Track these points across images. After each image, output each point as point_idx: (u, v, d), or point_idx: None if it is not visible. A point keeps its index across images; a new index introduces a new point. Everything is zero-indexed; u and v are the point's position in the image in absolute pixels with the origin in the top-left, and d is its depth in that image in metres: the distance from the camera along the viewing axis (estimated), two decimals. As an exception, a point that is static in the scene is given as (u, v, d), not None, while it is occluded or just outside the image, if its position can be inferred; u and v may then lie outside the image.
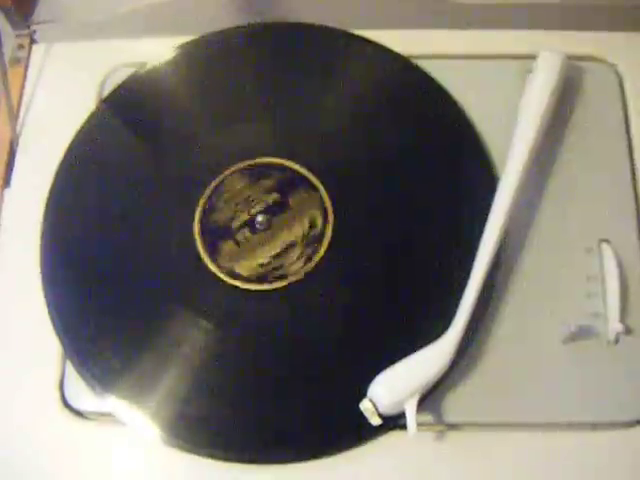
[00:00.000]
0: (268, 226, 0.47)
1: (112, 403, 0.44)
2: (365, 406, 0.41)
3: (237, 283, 0.45)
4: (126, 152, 0.51)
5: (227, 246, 0.47)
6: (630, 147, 0.49)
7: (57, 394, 0.45)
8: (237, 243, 0.47)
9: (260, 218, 0.47)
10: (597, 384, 0.43)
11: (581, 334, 0.44)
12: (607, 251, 0.46)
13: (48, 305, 0.46)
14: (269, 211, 0.47)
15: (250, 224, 0.47)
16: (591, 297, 0.45)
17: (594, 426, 0.43)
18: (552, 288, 0.46)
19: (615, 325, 0.44)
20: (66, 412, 0.45)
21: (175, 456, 0.43)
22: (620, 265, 0.45)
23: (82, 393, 0.45)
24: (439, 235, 0.47)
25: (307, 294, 0.45)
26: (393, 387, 0.40)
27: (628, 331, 0.44)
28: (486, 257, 0.43)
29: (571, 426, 0.43)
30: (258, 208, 0.47)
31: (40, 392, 0.45)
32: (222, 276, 0.46)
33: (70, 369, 0.45)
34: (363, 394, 0.41)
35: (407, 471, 0.42)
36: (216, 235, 0.47)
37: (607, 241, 0.46)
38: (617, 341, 0.44)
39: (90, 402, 0.45)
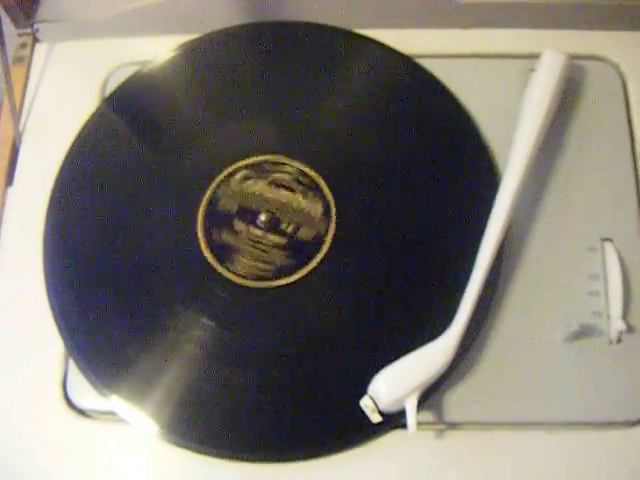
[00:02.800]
0: (274, 219, 0.47)
1: (114, 401, 0.44)
2: (365, 403, 0.41)
3: (239, 280, 0.45)
4: (129, 150, 0.51)
5: (255, 258, 0.46)
6: (633, 146, 0.49)
7: (60, 393, 0.45)
8: (261, 250, 0.47)
9: (263, 217, 0.47)
10: (599, 383, 0.43)
11: (583, 333, 0.44)
12: (610, 250, 0.46)
13: (51, 303, 0.47)
14: (271, 210, 0.47)
15: (253, 222, 0.47)
16: (593, 296, 0.45)
17: (596, 425, 0.43)
18: (554, 287, 0.46)
19: (617, 324, 0.44)
20: (68, 411, 0.45)
21: (177, 454, 0.43)
22: (622, 264, 0.45)
23: (85, 392, 0.45)
24: (441, 233, 0.47)
25: (308, 292, 0.45)
26: (393, 384, 0.40)
27: (630, 330, 0.44)
28: (488, 255, 0.43)
29: (573, 425, 0.43)
30: (261, 207, 0.48)
31: (43, 391, 0.45)
32: (224, 273, 0.46)
33: (73, 368, 0.45)
34: (364, 391, 0.41)
35: (408, 471, 0.42)
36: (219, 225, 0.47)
37: (610, 240, 0.46)
38: (619, 340, 0.44)
39: (92, 400, 0.45)
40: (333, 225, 0.47)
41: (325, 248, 0.46)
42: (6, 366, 0.46)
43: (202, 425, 0.43)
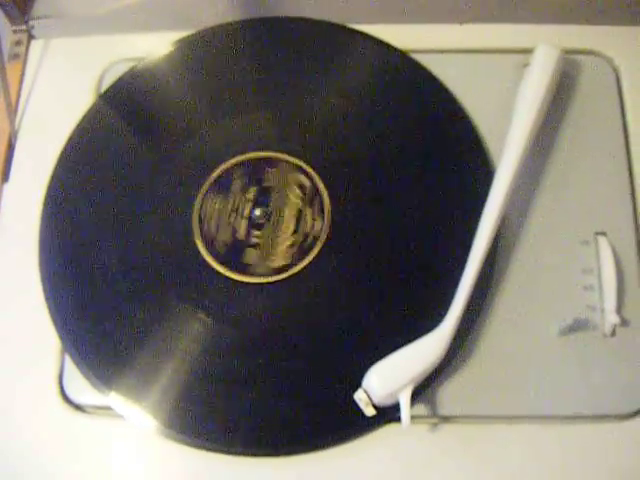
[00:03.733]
0: (269, 215, 0.47)
1: (111, 397, 0.44)
2: (359, 397, 0.41)
3: (234, 276, 0.46)
4: (124, 146, 0.51)
5: (250, 254, 0.47)
6: (626, 140, 0.50)
7: (56, 388, 0.45)
8: (256, 246, 0.47)
9: (257, 212, 0.47)
10: (594, 376, 0.44)
11: (577, 327, 0.44)
12: (603, 244, 0.46)
13: (46, 299, 0.47)
14: (259, 203, 0.48)
15: (252, 224, 0.47)
16: (587, 290, 0.45)
17: (591, 418, 0.43)
18: (548, 281, 0.46)
19: (611, 317, 0.44)
20: (65, 406, 0.45)
21: (174, 449, 0.43)
22: (616, 258, 0.45)
23: (81, 387, 0.45)
24: (435, 227, 0.47)
25: (303, 287, 0.45)
26: (387, 378, 0.40)
27: (624, 323, 0.44)
28: (481, 249, 0.43)
29: (567, 419, 0.43)
30: (248, 207, 0.48)
31: (39, 386, 0.45)
32: (220, 269, 0.46)
33: (69, 363, 0.46)
34: (358, 385, 0.41)
35: (402, 464, 0.42)
36: (232, 252, 0.47)
37: (603, 234, 0.47)
38: (613, 333, 0.44)
39: (89, 396, 0.45)
40: (328, 220, 0.47)
41: (320, 243, 0.46)
42: (2, 362, 0.46)
43: (198, 420, 0.43)
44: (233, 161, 0.49)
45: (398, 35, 0.53)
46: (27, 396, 0.45)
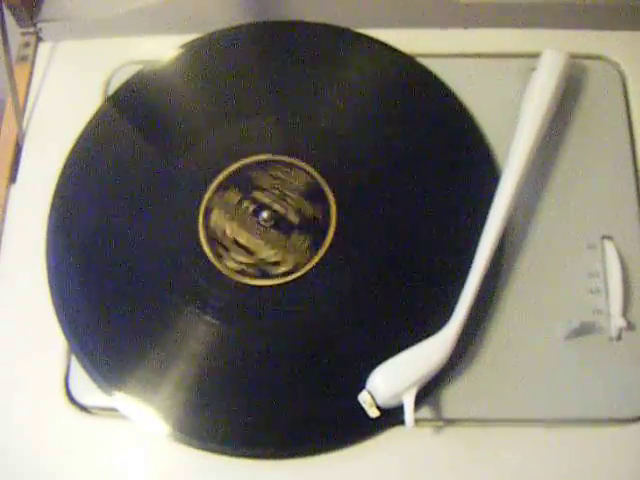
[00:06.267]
0: (270, 221, 0.47)
1: (117, 398, 0.44)
2: (363, 398, 0.41)
3: (239, 278, 0.46)
4: (131, 149, 0.51)
5: (235, 250, 0.47)
6: (633, 144, 0.50)
7: (62, 389, 0.45)
8: (241, 245, 0.47)
9: (265, 214, 0.47)
10: (599, 380, 0.44)
11: (583, 330, 0.44)
12: (609, 248, 0.46)
13: (53, 300, 0.47)
14: (267, 207, 0.48)
15: (256, 210, 0.48)
16: (593, 293, 0.45)
17: (596, 422, 0.43)
18: (554, 284, 0.46)
19: (617, 321, 0.44)
20: (71, 407, 0.45)
21: (180, 451, 0.43)
22: (622, 261, 0.45)
23: (87, 388, 0.45)
24: (441, 230, 0.47)
25: (308, 289, 0.45)
26: (391, 379, 0.40)
27: (630, 327, 0.44)
28: (487, 253, 0.43)
29: (573, 422, 0.43)
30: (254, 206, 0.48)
31: (45, 387, 0.45)
32: (226, 272, 0.46)
33: (75, 364, 0.46)
34: (363, 388, 0.41)
35: (406, 467, 0.42)
36: (222, 243, 0.47)
37: (610, 238, 0.47)
38: (619, 337, 0.44)
39: (95, 397, 0.45)
40: (333, 223, 0.47)
41: (325, 245, 0.46)
42: (9, 361, 0.46)
43: (204, 422, 0.43)
44: (239, 164, 0.49)
45: (404, 39, 0.54)
46: (33, 396, 0.45)
